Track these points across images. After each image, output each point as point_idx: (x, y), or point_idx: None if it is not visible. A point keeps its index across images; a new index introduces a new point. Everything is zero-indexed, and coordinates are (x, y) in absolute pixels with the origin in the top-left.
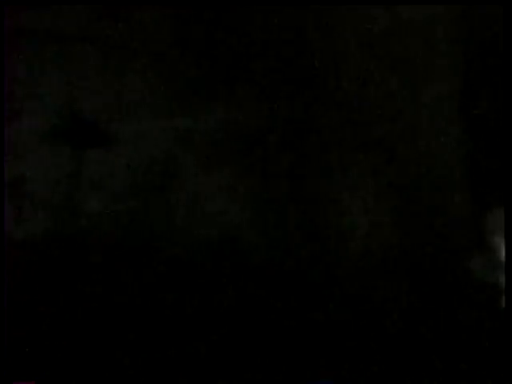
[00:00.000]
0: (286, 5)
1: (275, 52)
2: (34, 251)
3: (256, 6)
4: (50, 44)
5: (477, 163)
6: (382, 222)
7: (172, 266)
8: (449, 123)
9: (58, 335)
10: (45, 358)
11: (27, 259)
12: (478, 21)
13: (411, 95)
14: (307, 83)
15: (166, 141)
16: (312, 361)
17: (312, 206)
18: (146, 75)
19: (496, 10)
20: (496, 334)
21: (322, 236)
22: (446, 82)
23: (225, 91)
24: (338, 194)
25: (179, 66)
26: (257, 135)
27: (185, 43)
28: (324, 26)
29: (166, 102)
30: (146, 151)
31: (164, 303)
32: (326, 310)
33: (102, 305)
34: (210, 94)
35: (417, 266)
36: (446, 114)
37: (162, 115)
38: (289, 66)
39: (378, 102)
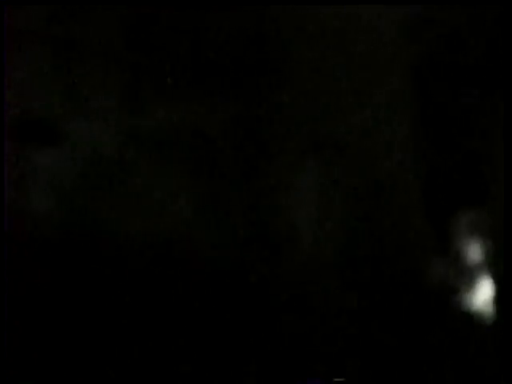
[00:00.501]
0: (238, 4)
1: (226, 51)
2: None
3: (209, 6)
4: None
5: (432, 163)
6: (332, 225)
7: (119, 265)
8: (402, 123)
9: None
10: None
11: None
12: (437, 21)
13: (364, 94)
14: (256, 82)
15: (115, 140)
16: (247, 361)
17: (260, 206)
18: (96, 73)
19: (460, 10)
20: (448, 340)
21: (269, 237)
22: (400, 81)
23: (175, 90)
24: (287, 194)
25: (129, 64)
26: (207, 134)
27: (136, 42)
28: (274, 24)
29: (115, 100)
30: (94, 150)
31: (110, 303)
32: (269, 312)
33: (50, 304)
34: (160, 92)
35: (366, 270)
36: (400, 114)
37: (111, 113)
38: (238, 65)
39: (329, 102)
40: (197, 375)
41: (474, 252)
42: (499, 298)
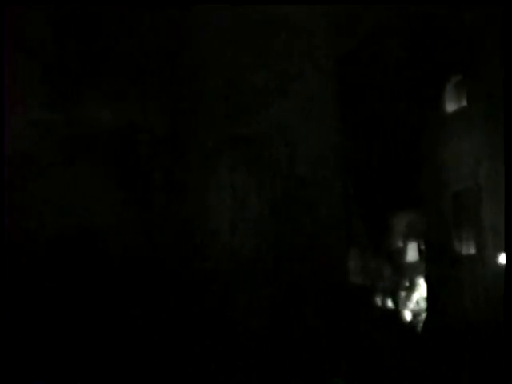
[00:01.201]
0: (153, 6)
1: (143, 51)
2: None
3: (123, 8)
4: None
5: (354, 161)
6: (250, 221)
7: (30, 261)
8: (322, 120)
9: None
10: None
11: None
12: (354, 21)
13: (283, 92)
14: (174, 81)
15: (26, 135)
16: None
17: (179, 203)
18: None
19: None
20: (370, 335)
21: (188, 234)
22: (321, 78)
23: (88, 90)
24: (205, 191)
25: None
26: (125, 132)
27: (55, 43)
28: (191, 24)
29: (24, 97)
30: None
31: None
32: (187, 305)
33: None
34: (71, 91)
35: (286, 266)
36: (320, 111)
37: (22, 110)
38: (156, 66)
39: (248, 98)
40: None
41: (395, 252)
42: (424, 297)
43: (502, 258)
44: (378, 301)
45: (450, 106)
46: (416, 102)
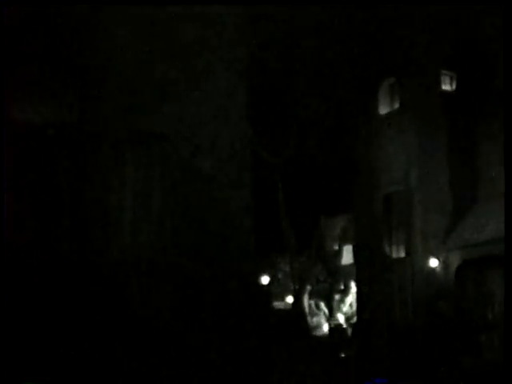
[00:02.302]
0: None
1: (48, 46)
2: None
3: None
4: None
5: (261, 159)
6: (153, 218)
7: None
8: (230, 118)
9: None
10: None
11: None
12: (267, 20)
13: (190, 88)
14: (79, 76)
15: None
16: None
17: (80, 199)
18: None
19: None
20: (274, 339)
21: (89, 230)
22: (232, 77)
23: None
24: (107, 188)
25: None
26: (27, 126)
27: None
28: (97, 18)
29: None
30: None
31: None
32: (86, 303)
33: None
34: None
35: (189, 265)
36: (228, 110)
37: None
38: (61, 61)
39: (153, 93)
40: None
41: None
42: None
43: (432, 262)
44: (311, 303)
45: (383, 109)
46: (348, 104)
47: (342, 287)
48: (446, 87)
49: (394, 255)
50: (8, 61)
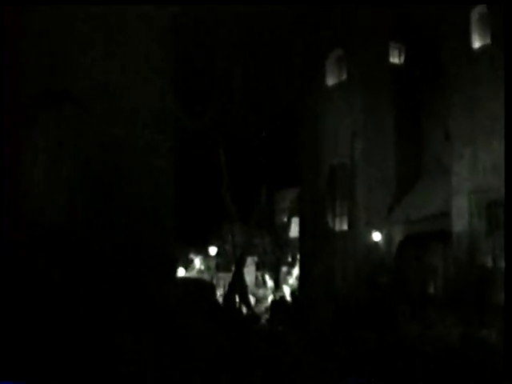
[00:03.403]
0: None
1: None
2: None
3: None
4: None
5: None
6: (65, 182)
7: None
8: (153, 89)
9: None
10: None
11: None
12: (190, 26)
13: (108, 50)
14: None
15: None
16: None
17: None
18: None
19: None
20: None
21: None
22: (151, 42)
23: None
24: (19, 150)
25: None
26: None
27: None
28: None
29: None
30: None
31: None
32: None
33: None
34: None
35: (100, 231)
36: (151, 82)
37: None
38: None
39: (69, 54)
40: None
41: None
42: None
43: (375, 236)
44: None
45: (330, 81)
46: (294, 75)
47: (290, 259)
48: (394, 60)
49: (337, 228)
50: None
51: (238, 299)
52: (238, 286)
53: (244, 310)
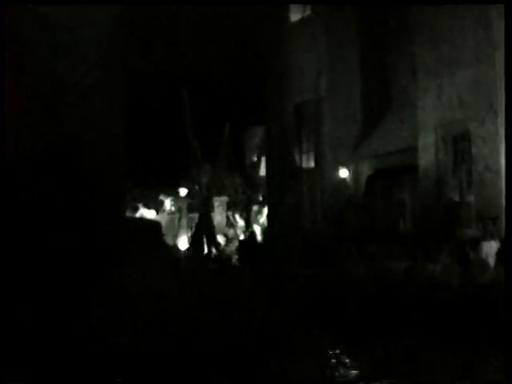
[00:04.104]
0: None
1: None
2: None
3: None
4: None
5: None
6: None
7: None
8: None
9: None
10: None
11: None
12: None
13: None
14: None
15: None
16: None
17: None
18: None
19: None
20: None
21: None
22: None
23: None
24: None
25: None
26: None
27: None
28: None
29: None
30: None
31: None
32: None
33: None
34: None
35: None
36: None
37: None
38: None
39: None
40: None
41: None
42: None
43: (342, 172)
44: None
45: (294, 16)
46: (258, 10)
47: (261, 198)
48: None
49: (304, 165)
50: None
51: (205, 240)
52: (204, 226)
53: (212, 250)
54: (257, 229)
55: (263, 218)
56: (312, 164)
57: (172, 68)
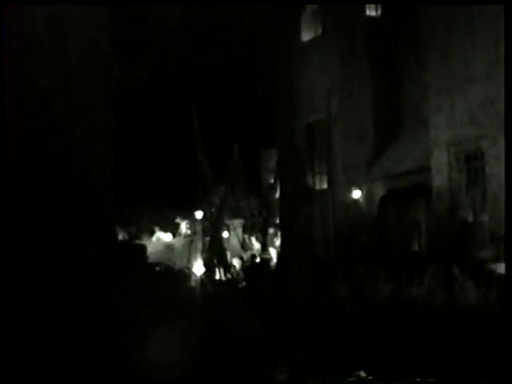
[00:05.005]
0: None
1: None
2: None
3: None
4: None
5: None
6: None
7: None
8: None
9: None
10: None
11: None
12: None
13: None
14: None
15: None
16: None
17: None
18: None
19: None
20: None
21: None
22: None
23: None
24: None
25: None
26: None
27: None
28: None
29: None
30: None
31: None
32: None
33: None
34: None
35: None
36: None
37: None
38: None
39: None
40: None
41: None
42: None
43: (355, 193)
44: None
45: (305, 36)
46: (269, 30)
47: (277, 221)
48: (370, 13)
49: (317, 187)
50: None
51: (216, 262)
52: (215, 249)
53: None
54: (273, 251)
55: (279, 241)
56: (325, 185)
57: (184, 90)
